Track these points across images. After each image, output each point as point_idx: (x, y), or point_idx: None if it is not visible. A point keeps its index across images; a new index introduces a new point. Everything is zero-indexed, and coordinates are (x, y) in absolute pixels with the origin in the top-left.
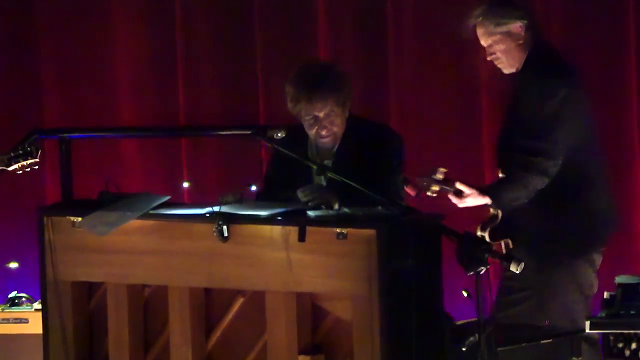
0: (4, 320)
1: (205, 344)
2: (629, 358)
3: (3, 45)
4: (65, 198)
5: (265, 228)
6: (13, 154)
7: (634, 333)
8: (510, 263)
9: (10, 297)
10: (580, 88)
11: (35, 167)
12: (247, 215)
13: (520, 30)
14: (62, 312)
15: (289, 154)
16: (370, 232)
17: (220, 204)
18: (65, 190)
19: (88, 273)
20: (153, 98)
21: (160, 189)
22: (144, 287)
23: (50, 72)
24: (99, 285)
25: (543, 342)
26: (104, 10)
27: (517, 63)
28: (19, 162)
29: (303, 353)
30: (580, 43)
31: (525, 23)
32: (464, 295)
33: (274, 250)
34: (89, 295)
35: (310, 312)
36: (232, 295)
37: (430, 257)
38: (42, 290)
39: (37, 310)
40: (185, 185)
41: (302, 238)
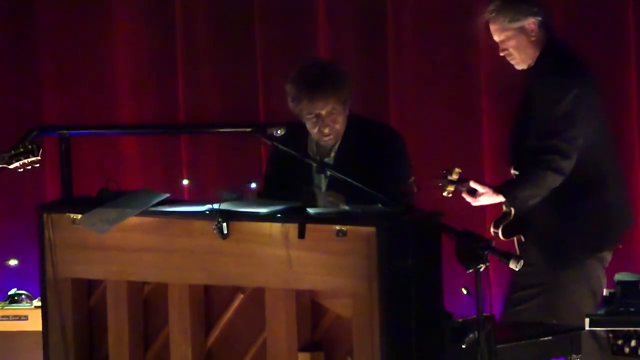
0: (4, 318)
1: (205, 341)
2: (629, 355)
3: (3, 45)
4: (65, 195)
5: (265, 225)
6: (14, 152)
7: (634, 330)
8: (510, 260)
9: (10, 294)
10: (594, 86)
11: (37, 165)
12: (246, 213)
13: (534, 27)
14: (61, 309)
15: (289, 152)
16: (370, 229)
17: (219, 201)
18: (65, 188)
19: (88, 270)
20: (153, 96)
21: (160, 187)
22: (144, 284)
23: (51, 71)
24: (99, 283)
25: (543, 339)
26: (104, 9)
27: (529, 59)
28: (20, 160)
29: (303, 350)
30: (580, 43)
31: (539, 20)
32: (464, 293)
33: (274, 248)
34: (89, 293)
35: (310, 309)
36: (231, 293)
37: (430, 254)
38: (41, 288)
39: (36, 308)
40: (185, 183)
41: (301, 235)
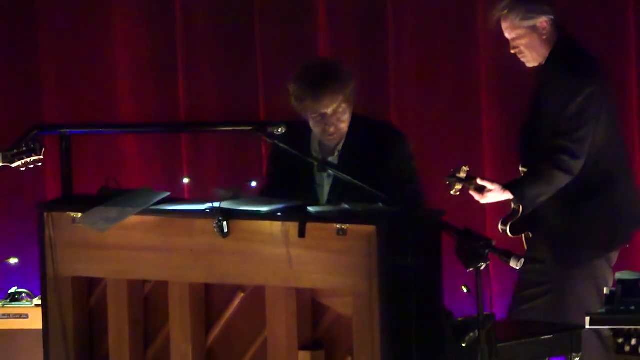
0: (4, 316)
1: (206, 340)
2: (629, 354)
3: (3, 43)
4: (66, 194)
5: (265, 224)
6: (17, 151)
7: (634, 329)
8: (510, 259)
9: (11, 292)
10: (605, 85)
11: (39, 164)
12: (247, 211)
13: (546, 26)
14: (62, 307)
15: (290, 151)
16: (371, 228)
17: (215, 200)
18: (66, 186)
19: (88, 269)
20: (153, 95)
21: (161, 185)
22: (144, 283)
23: (51, 69)
24: (99, 281)
25: (543, 337)
26: (104, 8)
27: (540, 58)
28: (23, 159)
29: (303, 349)
30: (580, 43)
31: (551, 18)
32: (464, 291)
33: (274, 246)
34: (89, 291)
35: (311, 307)
36: (232, 291)
37: (431, 253)
38: (42, 286)
39: (37, 306)
40: (186, 181)
41: (302, 234)
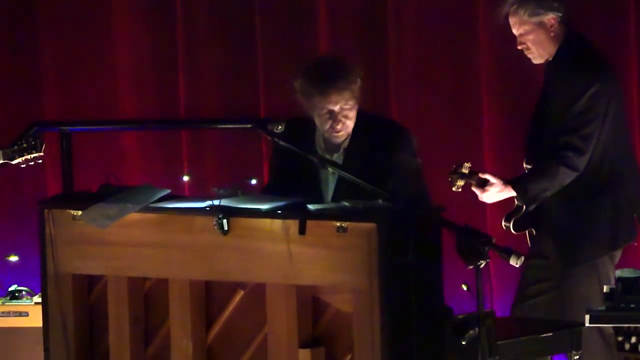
0: (4, 314)
1: (206, 337)
2: (629, 352)
3: (4, 40)
4: (66, 191)
5: (266, 221)
6: (17, 148)
7: (634, 327)
8: (510, 256)
9: (11, 290)
10: (613, 82)
11: (40, 161)
12: (247, 209)
13: (554, 22)
14: (62, 305)
15: (290, 148)
16: (371, 225)
17: (219, 196)
18: (66, 183)
19: (88, 266)
20: (154, 92)
21: (161, 182)
22: (145, 280)
23: (51, 66)
24: (100, 278)
25: (543, 335)
26: (105, 5)
27: (547, 54)
28: (23, 155)
29: (303, 346)
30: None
31: (559, 15)
32: (464, 289)
33: (275, 243)
34: (90, 288)
35: (311, 305)
36: (232, 288)
37: (431, 250)
38: (42, 284)
39: (37, 304)
40: (186, 179)
41: (302, 231)
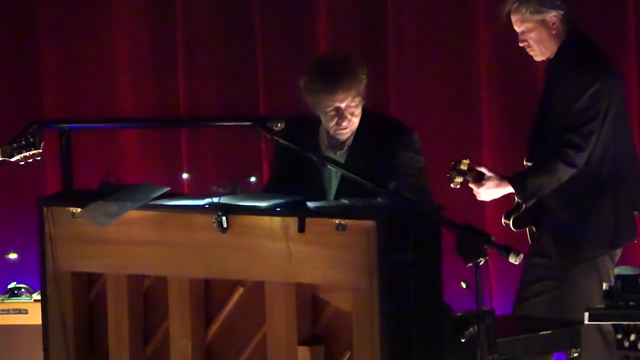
0: (4, 311)
1: (205, 335)
2: (628, 349)
3: (3, 38)
4: (65, 189)
5: (265, 219)
6: (16, 145)
7: (634, 324)
8: (509, 254)
9: (10, 287)
10: (615, 81)
11: (38, 158)
12: (246, 206)
13: (556, 20)
14: (61, 303)
15: (289, 146)
16: (370, 223)
17: (218, 195)
18: (65, 181)
19: (88, 264)
20: (153, 90)
21: (160, 180)
22: (144, 278)
23: (51, 64)
24: (99, 276)
25: (542, 333)
26: (104, 3)
27: (548, 52)
28: (22, 153)
29: (303, 344)
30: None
31: (561, 13)
32: (463, 287)
33: (274, 241)
34: (89, 286)
35: (310, 303)
36: (231, 286)
37: (430, 248)
38: (41, 281)
39: (36, 301)
40: (185, 177)
41: (301, 229)
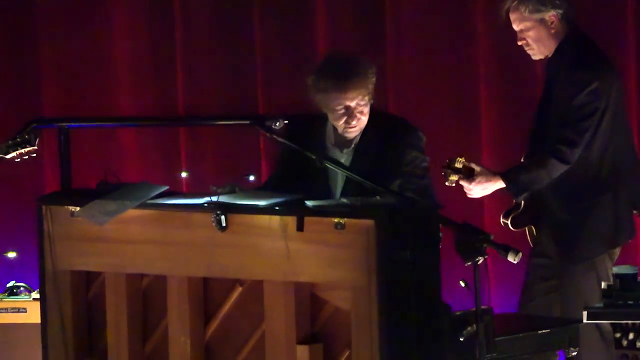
0: (2, 310)
1: (204, 333)
2: (627, 348)
3: (3, 37)
4: (64, 188)
5: (264, 218)
6: (11, 142)
7: (632, 323)
8: (508, 253)
9: (9, 286)
10: (614, 81)
11: (34, 155)
12: (245, 205)
13: (554, 19)
14: (60, 301)
15: (288, 144)
16: (369, 222)
17: (216, 194)
18: (64, 180)
19: (86, 262)
20: (152, 89)
21: (159, 179)
22: (143, 276)
23: (50, 63)
24: (98, 275)
25: (541, 332)
26: (104, 2)
27: (547, 51)
28: (18, 150)
29: (301, 342)
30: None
31: (560, 12)
32: (462, 286)
33: (273, 240)
34: (88, 285)
35: (309, 301)
36: (230, 285)
37: (429, 247)
38: (40, 280)
39: (35, 300)
40: (184, 175)
41: (300, 228)
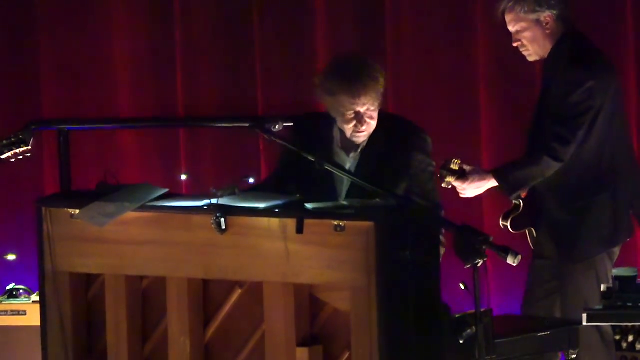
0: (2, 313)
1: (203, 335)
2: (626, 350)
3: (2, 37)
4: (64, 189)
5: (263, 220)
6: (6, 142)
7: (632, 325)
8: (508, 255)
9: (9, 289)
10: (611, 80)
11: (28, 155)
12: (245, 207)
13: (549, 20)
14: (60, 303)
15: (288, 146)
16: (369, 224)
17: (216, 197)
18: (64, 182)
19: (86, 264)
20: (152, 90)
21: (159, 181)
22: (142, 278)
23: (49, 64)
24: (97, 277)
25: (540, 334)
26: (103, 2)
27: (542, 52)
28: (12, 150)
29: (301, 344)
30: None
31: (555, 13)
32: (462, 288)
33: (272, 242)
34: (87, 287)
35: (308, 303)
36: (230, 287)
37: (429, 248)
38: (40, 282)
39: (35, 303)
40: (184, 177)
41: (300, 230)
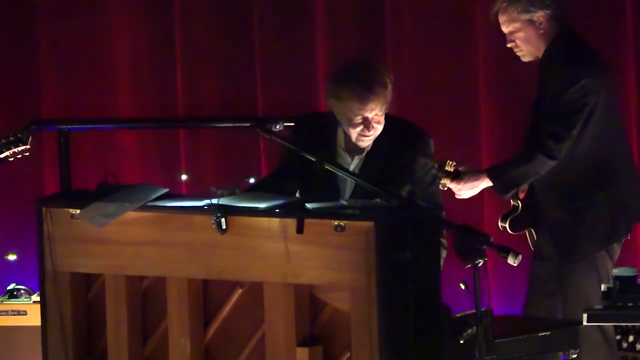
0: (3, 313)
1: (204, 335)
2: (627, 350)
3: (2, 38)
4: (64, 189)
5: (263, 220)
6: (4, 141)
7: (632, 325)
8: (508, 255)
9: (9, 289)
10: (605, 78)
11: (27, 154)
12: (245, 207)
13: (543, 20)
14: (60, 303)
15: (288, 146)
16: (369, 224)
17: (217, 197)
18: (64, 182)
19: (86, 264)
20: (151, 90)
21: (159, 181)
22: (142, 278)
23: (49, 64)
24: (98, 277)
25: (541, 334)
26: (103, 2)
27: (536, 52)
28: (10, 149)
29: (301, 344)
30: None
31: (549, 13)
32: (462, 288)
33: (272, 242)
34: (88, 287)
35: (309, 303)
36: (230, 287)
37: (429, 249)
38: (40, 282)
39: (35, 303)
40: (184, 177)
41: (300, 230)
